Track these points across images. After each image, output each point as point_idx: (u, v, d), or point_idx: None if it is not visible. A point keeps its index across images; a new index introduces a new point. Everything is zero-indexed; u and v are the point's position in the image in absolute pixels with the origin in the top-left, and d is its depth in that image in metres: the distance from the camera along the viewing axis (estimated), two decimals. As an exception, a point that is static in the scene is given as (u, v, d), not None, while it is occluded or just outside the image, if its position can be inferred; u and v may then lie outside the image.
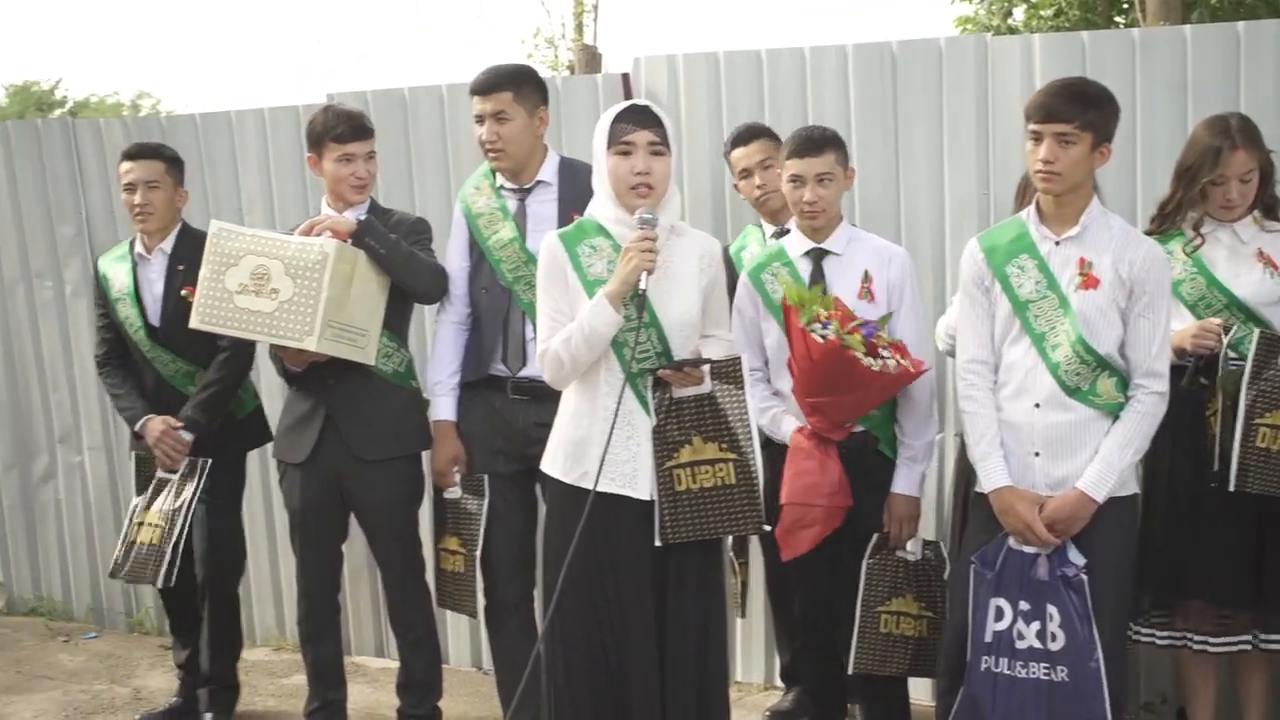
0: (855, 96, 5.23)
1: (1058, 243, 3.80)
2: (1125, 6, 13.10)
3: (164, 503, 4.95)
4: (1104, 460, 3.72)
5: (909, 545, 4.26)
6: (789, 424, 4.26)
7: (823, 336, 3.90)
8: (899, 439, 4.25)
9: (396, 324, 4.65)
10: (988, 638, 3.79)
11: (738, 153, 4.87)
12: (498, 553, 4.55)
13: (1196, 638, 4.24)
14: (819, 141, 4.24)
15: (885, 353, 3.94)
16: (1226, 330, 4.04)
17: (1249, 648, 4.20)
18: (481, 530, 4.52)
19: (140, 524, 4.99)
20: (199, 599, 5.17)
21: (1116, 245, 3.77)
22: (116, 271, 5.13)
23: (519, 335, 4.45)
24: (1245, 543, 4.05)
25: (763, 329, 4.31)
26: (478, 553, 4.53)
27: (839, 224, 4.32)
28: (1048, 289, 3.79)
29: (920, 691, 4.79)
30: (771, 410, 4.29)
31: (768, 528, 3.90)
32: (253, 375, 5.25)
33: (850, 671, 4.32)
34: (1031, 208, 3.88)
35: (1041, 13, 13.44)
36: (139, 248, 5.12)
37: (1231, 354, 4.03)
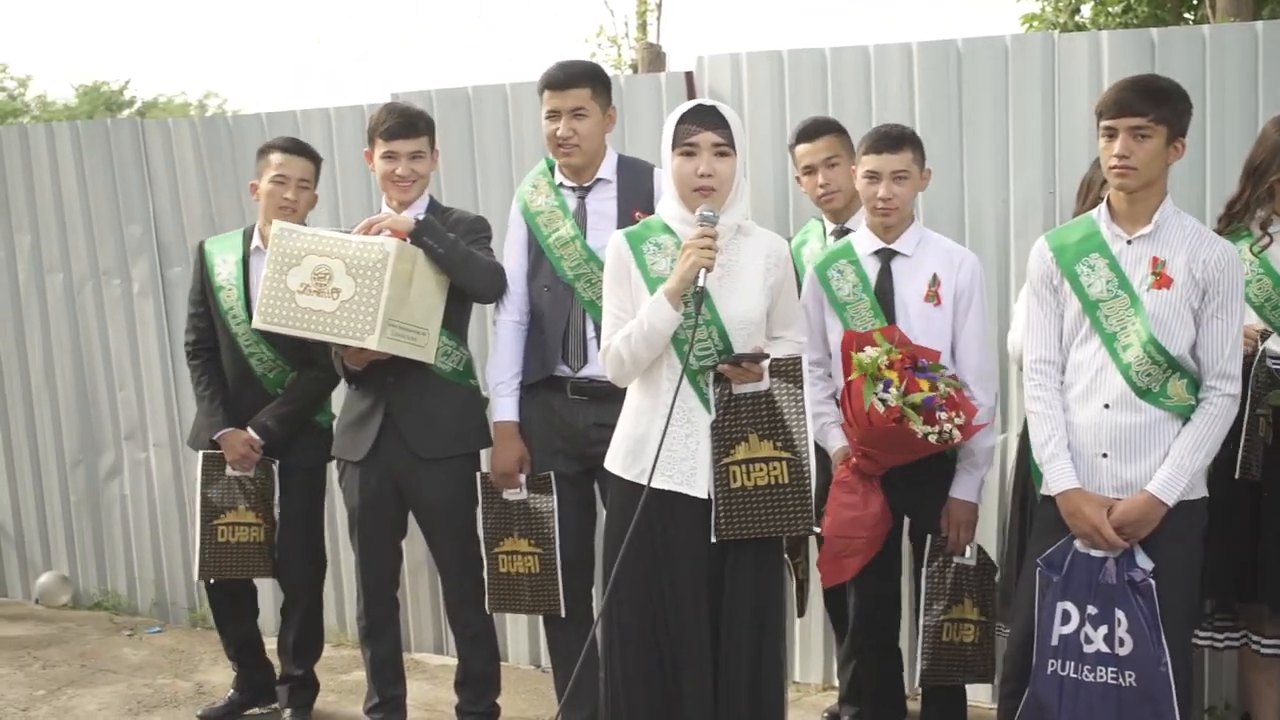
0: (920, 95, 5.20)
1: (1130, 241, 3.75)
2: (1195, 2, 12.93)
3: (251, 503, 5.00)
4: (1174, 463, 3.66)
5: (966, 551, 4.23)
6: (836, 438, 4.26)
7: (883, 401, 3.88)
8: (961, 444, 4.20)
9: (456, 322, 4.65)
10: (1054, 641, 3.75)
11: (802, 148, 4.78)
12: (561, 546, 4.56)
13: (1267, 642, 4.21)
14: (897, 138, 4.23)
15: (944, 415, 3.91)
16: (1264, 336, 4.01)
17: None
18: (556, 528, 4.53)
19: (232, 525, 5.01)
20: (286, 604, 5.26)
21: (1190, 244, 3.71)
22: (225, 260, 5.08)
23: (580, 333, 4.45)
24: None
25: (827, 324, 4.30)
26: (556, 549, 4.54)
27: (910, 225, 4.29)
28: (1119, 288, 3.73)
29: (979, 694, 4.75)
30: (823, 419, 4.27)
31: (817, 529, 3.87)
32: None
33: (918, 684, 4.30)
34: (1102, 206, 3.83)
35: (1109, 9, 13.26)
36: (257, 241, 5.06)
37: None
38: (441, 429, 4.61)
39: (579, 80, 4.47)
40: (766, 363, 3.72)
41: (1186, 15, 13.09)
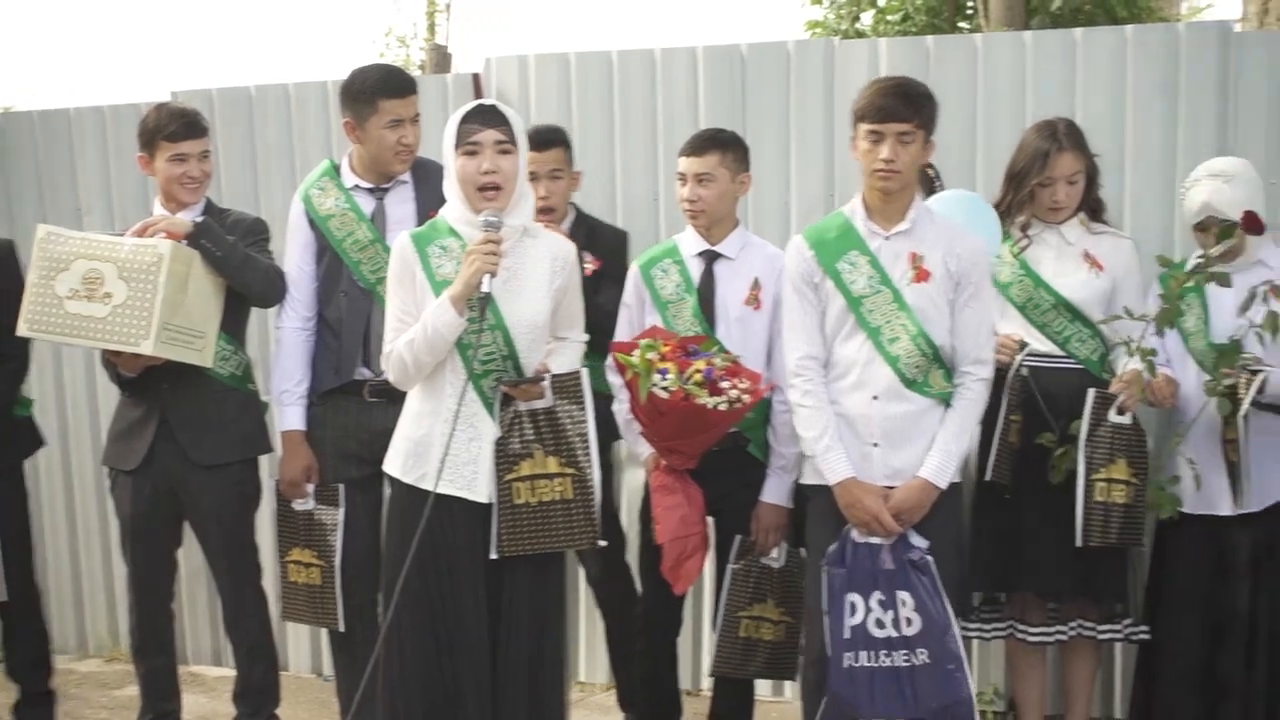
0: (705, 98, 5.27)
1: (887, 238, 3.89)
2: (970, 12, 13.33)
3: None
4: (942, 449, 3.83)
5: (773, 552, 4.27)
6: (645, 446, 4.25)
7: (665, 389, 3.89)
8: (771, 447, 4.25)
9: (234, 326, 4.53)
10: (846, 634, 3.84)
11: (529, 154, 4.50)
12: (343, 560, 4.47)
13: (1033, 630, 4.38)
14: (704, 142, 4.30)
15: (727, 383, 3.93)
16: (1022, 347, 4.22)
17: (1074, 635, 4.35)
18: (339, 541, 4.44)
19: None
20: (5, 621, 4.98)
21: (944, 239, 3.88)
22: None
23: (382, 337, 4.35)
24: (1069, 535, 4.16)
25: (647, 323, 4.31)
26: (336, 562, 4.45)
27: (735, 228, 4.35)
28: (880, 284, 3.86)
29: (778, 689, 4.82)
30: (638, 428, 4.26)
31: (603, 543, 3.87)
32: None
33: (710, 674, 4.34)
34: (856, 204, 3.96)
35: (889, 18, 13.62)
36: None
37: (1058, 354, 4.25)
38: (220, 435, 4.49)
39: (415, 87, 4.46)
40: (547, 380, 3.74)
41: (962, 24, 13.49)
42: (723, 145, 4.30)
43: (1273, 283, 4.06)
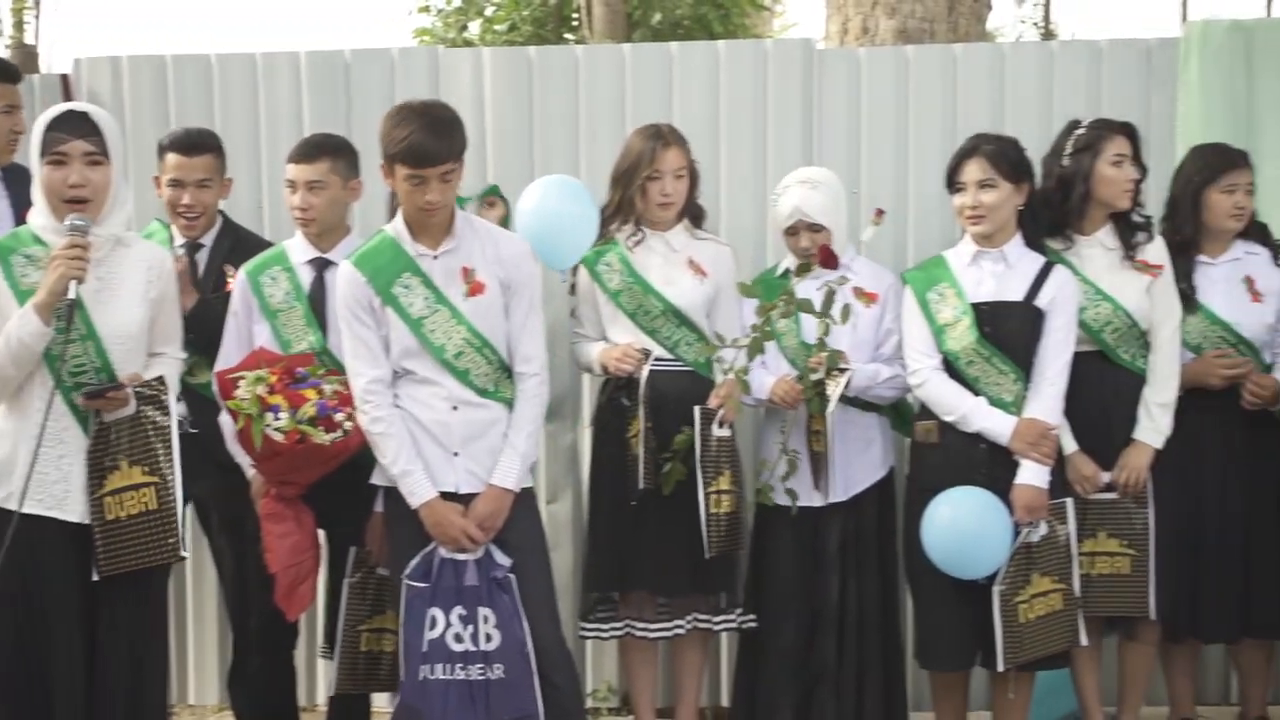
0: (309, 103, 5.22)
1: (436, 257, 3.89)
2: (575, 24, 13.57)
3: None
4: (509, 451, 3.88)
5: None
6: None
7: (280, 430, 3.83)
8: None
9: None
10: (424, 647, 3.85)
11: (173, 159, 4.43)
12: None
13: (652, 627, 4.50)
14: (313, 148, 4.26)
15: (340, 414, 3.90)
16: (647, 355, 4.33)
17: (690, 629, 4.48)
18: None
19: None
20: None
21: (489, 249, 3.92)
22: None
23: None
24: (680, 535, 4.31)
25: (254, 331, 4.23)
26: None
27: (346, 236, 4.31)
28: (437, 303, 3.87)
29: (381, 700, 4.80)
30: (248, 460, 4.16)
31: (185, 554, 3.77)
32: None
33: (333, 693, 4.30)
34: (399, 225, 3.92)
35: (496, 27, 13.73)
36: None
37: (670, 359, 4.39)
38: None
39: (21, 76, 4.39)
40: (130, 389, 3.62)
41: (568, 35, 13.73)
42: (333, 151, 4.26)
43: (843, 275, 4.31)
